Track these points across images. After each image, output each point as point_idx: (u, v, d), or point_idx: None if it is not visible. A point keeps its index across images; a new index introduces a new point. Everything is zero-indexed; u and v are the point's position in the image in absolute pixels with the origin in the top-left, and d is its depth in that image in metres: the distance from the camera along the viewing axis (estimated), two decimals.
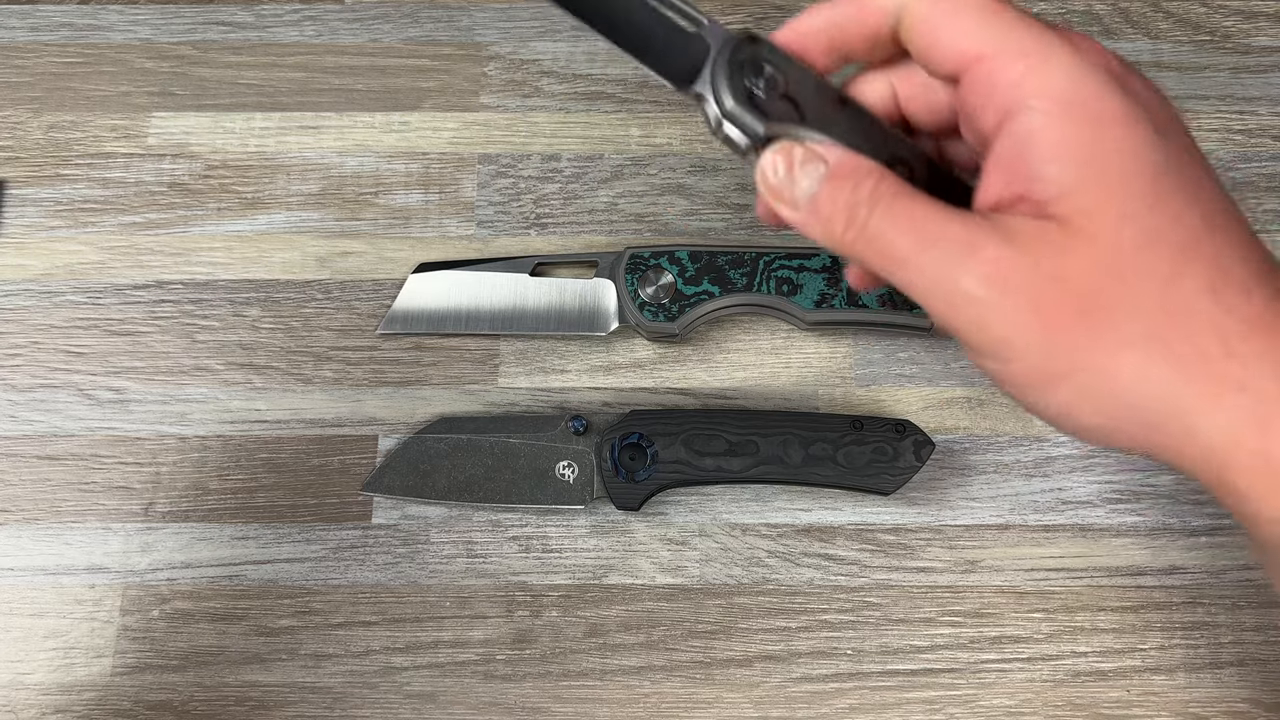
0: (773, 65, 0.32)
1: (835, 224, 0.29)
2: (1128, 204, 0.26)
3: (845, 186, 0.28)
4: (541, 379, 0.42)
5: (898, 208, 0.28)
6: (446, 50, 0.46)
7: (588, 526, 0.40)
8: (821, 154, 0.29)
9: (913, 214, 0.28)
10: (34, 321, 0.42)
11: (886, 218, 0.28)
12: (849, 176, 0.29)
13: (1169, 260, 0.26)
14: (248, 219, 0.44)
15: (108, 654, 0.39)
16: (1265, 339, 0.26)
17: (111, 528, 0.40)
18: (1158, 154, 0.27)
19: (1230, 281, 0.26)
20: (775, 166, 0.29)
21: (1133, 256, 0.26)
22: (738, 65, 0.31)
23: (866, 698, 0.38)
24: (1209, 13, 0.47)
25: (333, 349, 0.42)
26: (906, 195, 0.28)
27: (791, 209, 0.29)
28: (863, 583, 0.39)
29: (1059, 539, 0.40)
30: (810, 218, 0.29)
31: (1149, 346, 0.26)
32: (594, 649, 0.39)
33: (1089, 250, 0.26)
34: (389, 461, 0.40)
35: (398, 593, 0.39)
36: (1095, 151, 0.27)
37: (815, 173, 0.29)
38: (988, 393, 0.41)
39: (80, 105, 0.45)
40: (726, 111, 0.31)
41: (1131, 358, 0.26)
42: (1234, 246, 0.27)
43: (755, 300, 0.41)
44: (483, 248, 0.44)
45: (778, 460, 0.38)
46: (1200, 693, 0.38)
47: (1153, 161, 0.27)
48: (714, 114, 0.31)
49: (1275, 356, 0.26)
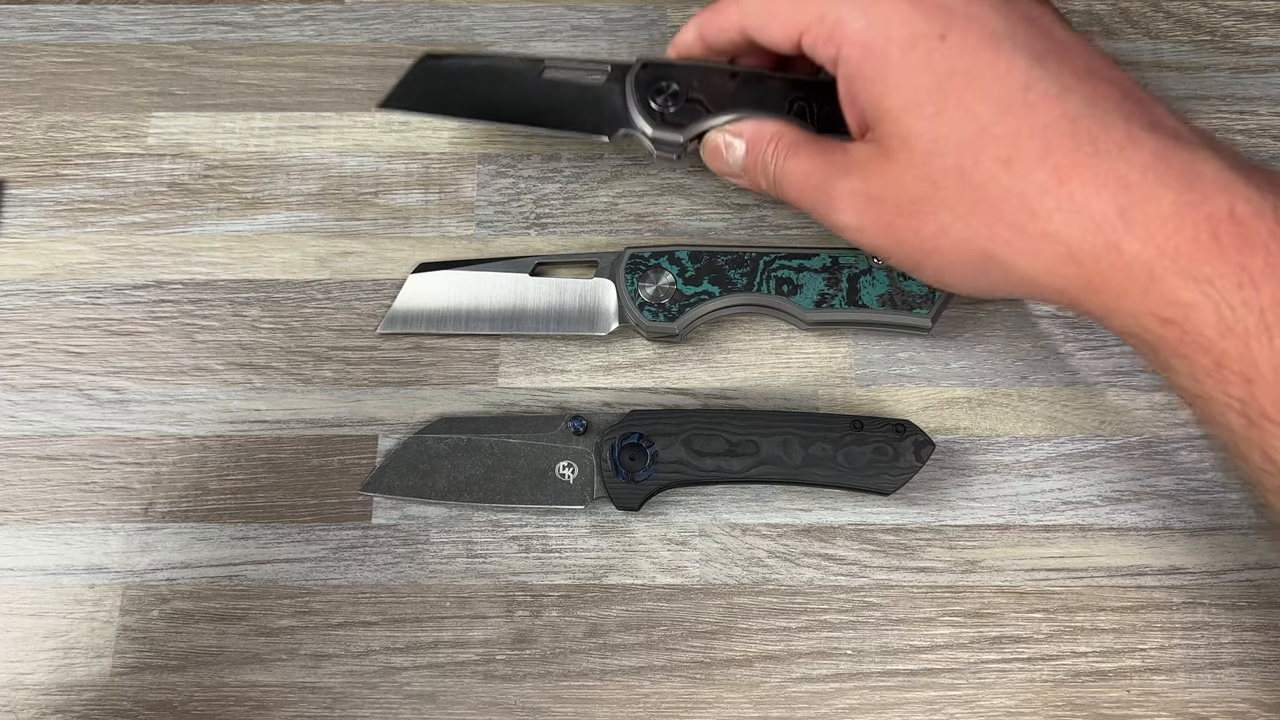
0: (671, 79, 0.39)
1: (760, 178, 0.38)
2: (913, 119, 0.32)
3: (756, 150, 0.37)
4: (541, 379, 0.42)
5: (790, 162, 0.36)
6: (446, 50, 0.46)
7: (588, 526, 0.40)
8: (738, 131, 0.38)
9: (799, 163, 0.36)
10: (34, 321, 0.42)
11: (785, 169, 0.36)
12: (757, 142, 0.37)
13: (956, 154, 0.32)
14: (248, 219, 0.44)
15: (107, 654, 0.39)
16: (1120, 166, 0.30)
17: (111, 528, 0.40)
18: (943, 60, 0.32)
19: (1031, 152, 0.31)
20: (715, 153, 0.38)
21: (926, 161, 0.32)
22: (644, 101, 0.39)
23: (866, 698, 0.38)
24: (1209, 13, 0.47)
25: (333, 349, 0.42)
26: (798, 146, 0.36)
27: (735, 177, 0.39)
28: (863, 583, 0.39)
29: (1059, 539, 0.40)
30: (745, 179, 0.38)
31: (968, 224, 0.32)
32: (594, 649, 0.39)
33: (895, 165, 0.33)
34: (389, 461, 0.40)
35: (397, 593, 0.39)
36: (886, 78, 0.33)
37: (739, 148, 0.38)
38: (988, 393, 0.41)
39: (80, 105, 0.45)
40: (653, 139, 0.40)
41: (951, 239, 0.33)
42: (1069, 113, 0.31)
43: (755, 300, 0.41)
44: (483, 248, 0.44)
45: (778, 460, 0.38)
46: (1200, 693, 0.38)
47: (939, 70, 0.32)
48: (647, 145, 0.40)
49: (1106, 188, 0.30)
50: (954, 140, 0.32)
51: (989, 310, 0.42)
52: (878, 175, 0.33)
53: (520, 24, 0.47)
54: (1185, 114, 0.44)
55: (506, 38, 0.46)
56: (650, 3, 0.47)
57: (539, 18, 0.47)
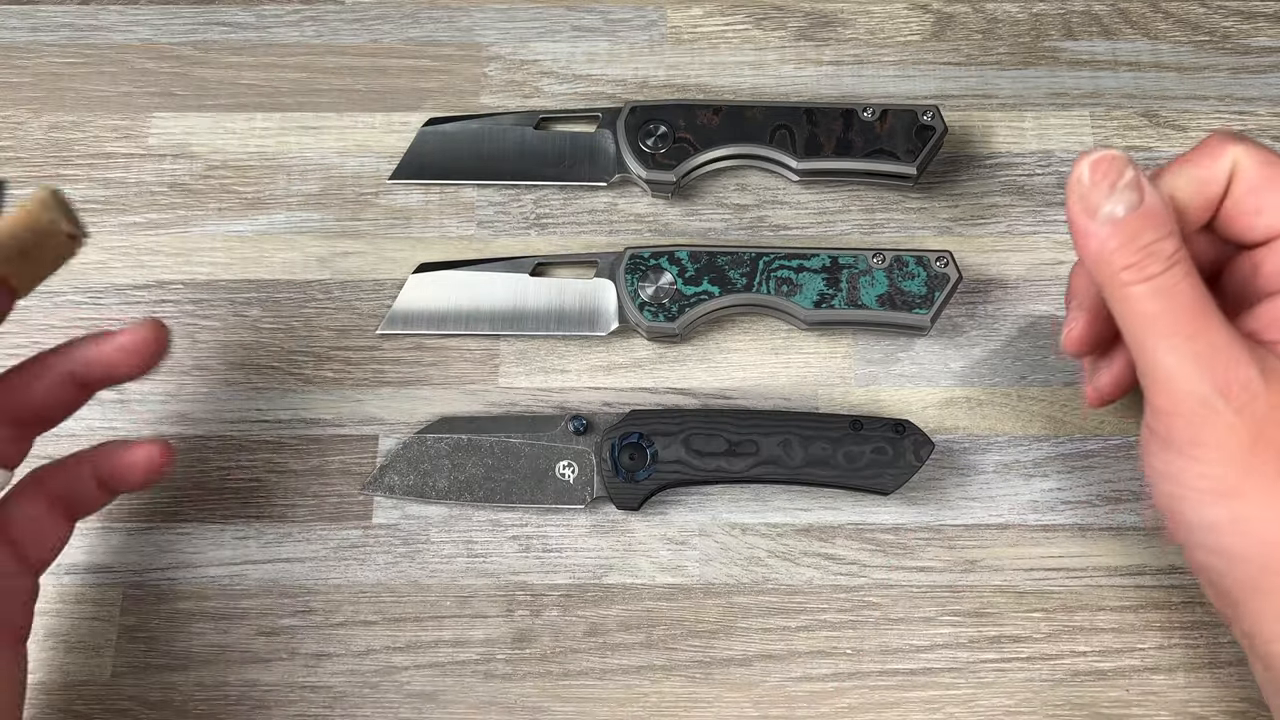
0: (659, 120, 0.42)
1: (1121, 257, 0.30)
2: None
3: (1150, 231, 0.29)
4: (541, 379, 0.42)
5: (1185, 284, 0.29)
6: (446, 50, 0.46)
7: (588, 526, 0.40)
8: (1144, 187, 0.30)
9: (1192, 299, 0.29)
10: (34, 321, 0.42)
11: (1170, 286, 0.29)
12: (1159, 225, 0.29)
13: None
14: (248, 219, 0.44)
15: (108, 653, 0.39)
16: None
17: (112, 527, 0.40)
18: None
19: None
20: (1096, 172, 0.30)
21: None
22: (635, 145, 0.42)
23: (866, 697, 0.38)
24: (1208, 13, 0.47)
25: (333, 349, 0.42)
26: (1195, 275, 0.30)
27: (1087, 216, 0.30)
28: (862, 582, 0.39)
29: (1058, 539, 0.40)
30: (1102, 238, 0.30)
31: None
32: (594, 648, 0.39)
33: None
34: (389, 461, 0.40)
35: (398, 592, 0.39)
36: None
37: (1128, 200, 0.30)
38: (988, 393, 0.41)
39: (80, 105, 0.45)
40: (647, 180, 0.42)
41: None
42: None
43: (755, 300, 0.41)
44: (483, 248, 0.44)
45: (777, 460, 0.38)
46: (1200, 692, 0.38)
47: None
48: (641, 185, 0.43)
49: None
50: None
51: (989, 310, 0.43)
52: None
53: (520, 24, 0.47)
54: (1185, 114, 0.45)
55: (506, 38, 0.46)
56: (650, 3, 0.47)
57: (539, 18, 0.47)
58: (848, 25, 0.47)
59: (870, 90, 0.46)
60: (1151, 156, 0.44)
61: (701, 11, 0.47)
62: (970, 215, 0.44)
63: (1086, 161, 0.30)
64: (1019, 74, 0.46)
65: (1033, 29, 0.47)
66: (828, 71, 0.46)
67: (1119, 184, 0.30)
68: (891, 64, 0.46)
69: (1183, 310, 0.29)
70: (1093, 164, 0.30)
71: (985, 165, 0.44)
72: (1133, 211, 0.29)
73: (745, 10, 0.47)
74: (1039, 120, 0.45)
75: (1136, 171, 0.30)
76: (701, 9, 0.47)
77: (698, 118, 0.42)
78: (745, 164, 0.44)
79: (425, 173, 0.44)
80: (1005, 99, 0.45)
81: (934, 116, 0.42)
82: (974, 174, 0.44)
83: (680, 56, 0.46)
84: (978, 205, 0.44)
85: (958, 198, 0.44)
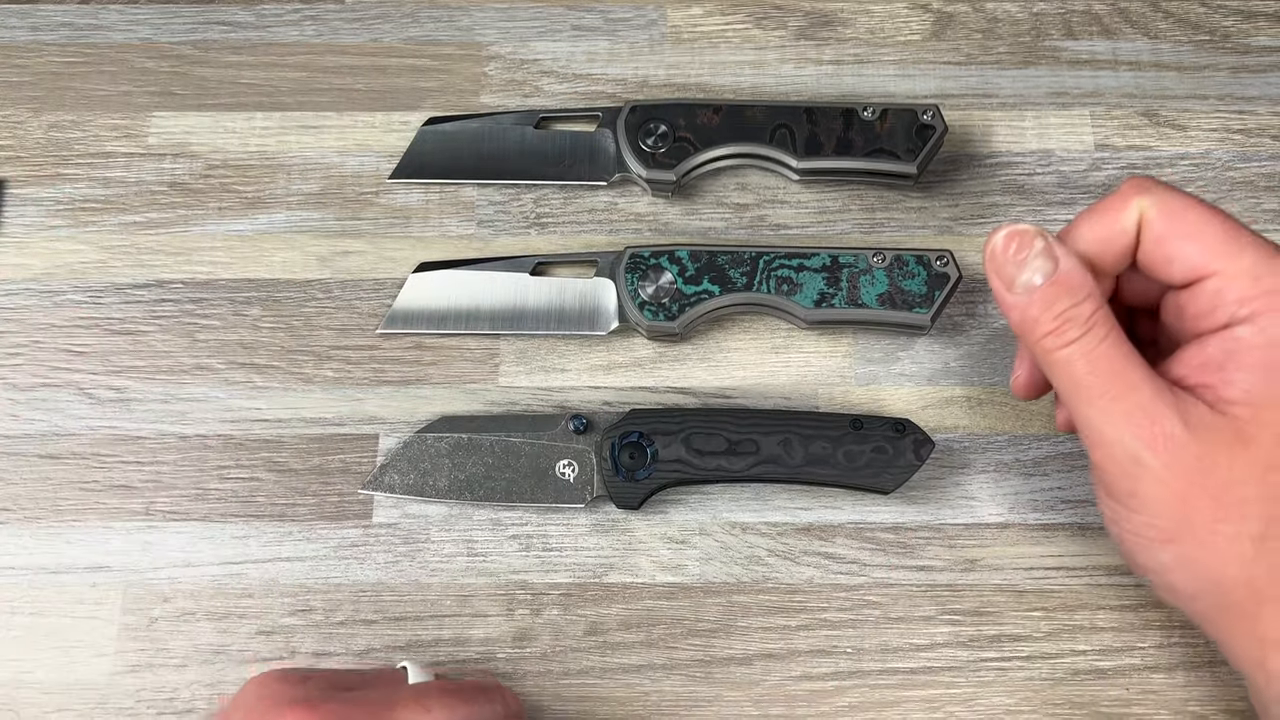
0: (659, 119, 0.42)
1: (1041, 326, 0.31)
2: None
3: (1065, 298, 0.31)
4: (542, 378, 0.42)
5: (1105, 346, 0.31)
6: (446, 50, 0.46)
7: (588, 525, 0.40)
8: (1057, 255, 0.31)
9: (1113, 359, 0.30)
10: (35, 321, 0.42)
11: (1090, 350, 0.31)
12: (1075, 290, 0.31)
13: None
14: (248, 218, 0.44)
15: (109, 653, 0.39)
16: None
17: (113, 526, 0.40)
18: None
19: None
20: (1009, 246, 0.31)
21: (1276, 467, 0.30)
22: (635, 144, 0.41)
23: (866, 696, 0.38)
24: (1208, 13, 0.47)
25: (333, 348, 0.42)
26: (1114, 337, 0.31)
27: (1005, 287, 0.32)
28: (862, 581, 0.39)
29: (1058, 538, 0.40)
30: (1021, 309, 0.31)
31: (1262, 542, 0.30)
32: (594, 647, 0.39)
33: (1246, 451, 0.30)
34: (390, 460, 0.40)
35: (398, 591, 0.39)
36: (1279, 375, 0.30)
37: (1043, 269, 0.31)
38: (987, 392, 0.42)
39: (80, 105, 0.45)
40: (647, 180, 0.42)
41: (1242, 546, 0.30)
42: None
43: (755, 299, 0.41)
44: (483, 247, 0.44)
45: (777, 459, 0.38)
46: (1199, 691, 0.38)
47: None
48: (641, 185, 0.43)
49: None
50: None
51: (989, 310, 0.43)
52: (1217, 444, 0.30)
53: (520, 23, 0.47)
54: (1185, 113, 0.45)
55: (506, 37, 0.46)
56: (650, 3, 0.47)
57: (539, 17, 0.47)
58: (848, 24, 0.47)
59: (870, 89, 0.46)
60: (1152, 156, 0.44)
61: (701, 11, 0.47)
62: (970, 214, 0.44)
63: (1000, 235, 0.31)
64: (1019, 73, 0.46)
65: (1033, 28, 0.47)
66: (828, 71, 0.46)
67: (1030, 254, 0.31)
68: (892, 63, 0.46)
69: (1105, 373, 0.30)
70: (1005, 237, 0.31)
71: (985, 164, 0.45)
72: (1048, 279, 0.31)
73: (745, 9, 0.47)
74: (1039, 120, 0.45)
75: (1048, 241, 0.31)
76: (701, 8, 0.47)
77: (698, 117, 0.42)
78: (745, 163, 0.44)
79: (425, 172, 0.44)
80: (1005, 98, 0.45)
81: (934, 116, 0.42)
82: (974, 173, 0.44)
83: (680, 56, 0.46)
84: (978, 204, 0.44)
85: (958, 197, 0.44)
